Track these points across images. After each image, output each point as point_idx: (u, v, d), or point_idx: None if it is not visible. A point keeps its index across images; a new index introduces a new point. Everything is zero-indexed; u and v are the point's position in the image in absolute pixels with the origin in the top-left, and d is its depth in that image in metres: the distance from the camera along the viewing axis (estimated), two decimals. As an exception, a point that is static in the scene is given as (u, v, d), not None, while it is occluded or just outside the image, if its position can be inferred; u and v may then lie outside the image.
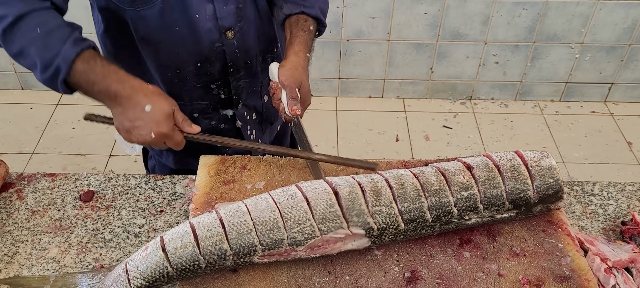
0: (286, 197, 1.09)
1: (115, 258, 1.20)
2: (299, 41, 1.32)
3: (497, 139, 3.16)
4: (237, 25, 1.34)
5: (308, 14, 1.35)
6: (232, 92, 1.46)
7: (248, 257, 1.05)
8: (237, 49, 1.37)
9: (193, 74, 1.39)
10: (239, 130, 1.54)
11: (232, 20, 1.33)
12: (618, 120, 3.30)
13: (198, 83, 1.41)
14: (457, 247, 1.14)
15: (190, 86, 1.41)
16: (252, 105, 1.53)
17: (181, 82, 1.40)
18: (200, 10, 1.28)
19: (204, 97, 1.45)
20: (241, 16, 1.34)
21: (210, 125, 1.51)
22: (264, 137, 1.65)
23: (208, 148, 1.56)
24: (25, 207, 1.31)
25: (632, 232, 1.25)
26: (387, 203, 1.09)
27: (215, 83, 1.43)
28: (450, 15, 3.01)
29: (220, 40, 1.34)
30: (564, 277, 1.08)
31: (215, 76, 1.41)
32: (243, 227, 1.05)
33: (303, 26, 1.34)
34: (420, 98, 3.42)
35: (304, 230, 1.05)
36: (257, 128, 1.59)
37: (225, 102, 1.48)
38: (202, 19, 1.29)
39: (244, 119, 1.53)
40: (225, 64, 1.39)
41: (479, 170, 1.14)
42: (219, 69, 1.40)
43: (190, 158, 1.59)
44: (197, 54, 1.35)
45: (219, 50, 1.36)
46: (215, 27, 1.32)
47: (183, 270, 1.03)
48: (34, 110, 3.22)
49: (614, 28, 3.06)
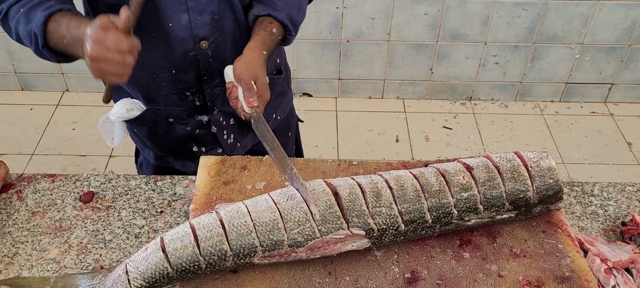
0: (286, 198, 1.09)
1: (116, 259, 1.20)
2: (256, 38, 1.31)
3: (497, 139, 3.16)
4: (211, 36, 1.33)
5: (274, 16, 1.35)
6: (207, 99, 1.45)
7: (248, 257, 1.05)
8: (211, 59, 1.37)
9: (168, 80, 1.38)
10: (214, 135, 1.54)
11: (207, 31, 1.32)
12: (618, 121, 3.30)
13: (173, 89, 1.41)
14: (457, 248, 1.14)
15: (166, 92, 1.41)
16: (229, 111, 1.52)
17: (157, 87, 1.40)
18: (174, 18, 1.28)
19: (179, 103, 1.45)
20: (217, 27, 1.33)
21: (186, 131, 1.51)
22: (245, 141, 1.63)
23: (182, 150, 1.57)
24: (25, 207, 1.31)
25: (632, 232, 1.25)
26: (387, 204, 1.09)
27: (190, 90, 1.42)
28: (450, 15, 3.01)
29: (194, 50, 1.34)
30: (564, 277, 1.08)
31: (189, 83, 1.41)
32: (243, 228, 1.05)
33: (265, 27, 1.33)
34: (420, 98, 3.42)
35: (304, 231, 1.05)
36: (237, 133, 1.58)
37: (200, 108, 1.47)
38: (176, 27, 1.29)
39: (220, 124, 1.52)
40: (199, 72, 1.39)
41: (478, 171, 1.14)
42: (193, 77, 1.39)
43: (170, 157, 1.61)
44: (171, 61, 1.35)
45: (193, 59, 1.35)
46: (190, 37, 1.31)
47: (183, 270, 1.03)
48: (34, 111, 3.22)
49: (614, 28, 3.06)
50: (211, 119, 1.50)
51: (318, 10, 2.97)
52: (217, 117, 1.51)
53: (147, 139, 1.57)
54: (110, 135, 1.54)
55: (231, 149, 1.60)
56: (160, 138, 1.54)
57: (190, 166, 1.62)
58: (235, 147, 1.61)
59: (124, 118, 1.47)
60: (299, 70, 3.28)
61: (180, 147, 1.57)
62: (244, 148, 1.65)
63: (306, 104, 3.36)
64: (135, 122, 1.49)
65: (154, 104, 1.45)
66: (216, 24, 1.33)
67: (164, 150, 1.60)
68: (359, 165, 1.31)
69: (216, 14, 1.32)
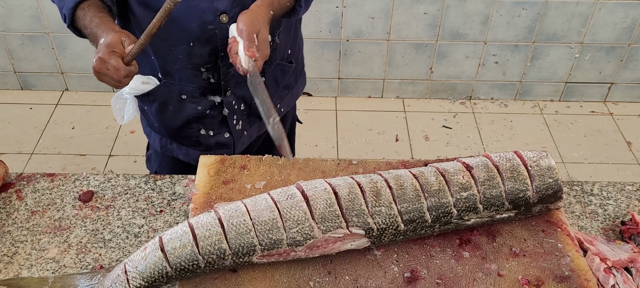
0: (286, 197, 1.09)
1: (115, 259, 1.20)
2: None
3: (496, 138, 3.16)
4: (232, 11, 1.34)
5: None
6: (221, 77, 1.45)
7: (247, 257, 1.05)
8: (229, 34, 1.37)
9: (185, 52, 1.39)
10: (224, 118, 1.54)
11: (227, 4, 1.33)
12: (617, 120, 3.30)
13: (188, 63, 1.42)
14: (456, 247, 1.14)
15: (181, 66, 1.42)
16: (241, 94, 1.53)
17: (174, 59, 1.41)
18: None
19: (193, 80, 1.45)
20: (238, 2, 1.34)
21: (196, 110, 1.51)
22: (251, 130, 1.64)
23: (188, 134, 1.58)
24: (25, 207, 1.31)
25: (631, 231, 1.25)
26: (387, 203, 1.09)
27: (205, 66, 1.43)
28: (450, 15, 3.01)
29: (213, 23, 1.34)
30: (563, 277, 1.08)
31: (205, 58, 1.41)
32: (242, 227, 1.05)
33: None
34: (420, 98, 3.42)
35: (303, 230, 1.05)
36: (245, 120, 1.59)
37: (214, 87, 1.48)
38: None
39: (232, 107, 1.53)
40: (216, 47, 1.39)
41: (478, 171, 1.14)
42: (209, 52, 1.40)
43: (174, 144, 1.62)
44: (189, 33, 1.36)
45: (211, 33, 1.36)
46: (210, 9, 1.32)
47: (182, 270, 1.03)
48: (34, 110, 3.22)
49: (614, 28, 3.06)
50: (224, 100, 1.50)
51: (318, 10, 2.97)
52: (230, 99, 1.51)
53: (155, 117, 1.57)
54: (121, 112, 1.55)
55: (238, 136, 1.60)
56: (170, 116, 1.54)
57: (193, 155, 1.61)
58: (242, 135, 1.61)
59: (138, 91, 1.48)
60: (298, 70, 3.27)
61: (186, 129, 1.56)
62: (250, 138, 1.65)
63: (306, 103, 3.36)
64: (147, 97, 1.50)
65: (169, 78, 1.46)
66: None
67: (170, 133, 1.60)
68: (358, 164, 1.31)
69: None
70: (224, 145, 1.61)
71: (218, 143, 1.61)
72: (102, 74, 1.21)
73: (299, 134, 3.13)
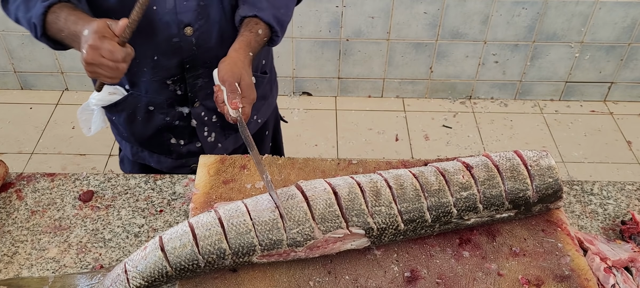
0: (286, 197, 1.09)
1: (115, 258, 1.20)
2: (240, 39, 1.29)
3: (496, 138, 3.16)
4: (196, 23, 1.33)
5: (260, 17, 1.32)
6: (188, 89, 1.44)
7: (247, 256, 1.05)
8: (195, 47, 1.36)
9: (150, 66, 1.38)
10: (194, 129, 1.52)
11: (192, 17, 1.32)
12: (617, 120, 3.30)
13: (154, 77, 1.41)
14: (456, 247, 1.14)
15: (148, 78, 1.41)
16: (212, 106, 1.50)
17: (140, 72, 1.40)
18: (159, 2, 1.28)
19: (160, 92, 1.44)
20: (202, 14, 1.33)
21: (165, 121, 1.50)
22: (226, 143, 1.62)
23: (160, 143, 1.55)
24: (25, 207, 1.31)
25: (631, 231, 1.25)
26: (387, 203, 1.09)
27: (171, 79, 1.42)
28: (450, 14, 3.01)
29: (178, 36, 1.33)
30: (563, 276, 1.08)
31: (172, 71, 1.40)
32: (242, 227, 1.05)
33: (251, 28, 1.31)
34: (420, 97, 3.42)
35: (303, 230, 1.05)
36: (218, 132, 1.57)
37: (181, 98, 1.47)
38: (161, 11, 1.29)
39: (201, 119, 1.51)
40: (182, 60, 1.38)
41: (478, 170, 1.14)
42: (176, 65, 1.39)
43: (145, 153, 1.60)
44: (154, 46, 1.35)
45: (176, 45, 1.35)
46: (174, 22, 1.31)
47: (182, 269, 1.03)
48: (34, 110, 3.22)
49: (614, 27, 3.06)
50: (192, 111, 1.48)
51: (318, 9, 2.97)
52: (199, 110, 1.49)
53: (124, 127, 1.55)
54: (88, 123, 1.52)
55: (211, 148, 1.58)
56: (139, 126, 1.52)
57: (166, 163, 1.60)
58: (216, 147, 1.59)
59: (105, 102, 1.46)
60: (298, 69, 3.27)
61: (157, 138, 1.55)
62: (225, 150, 1.63)
63: (306, 102, 3.36)
64: (114, 108, 1.48)
65: (136, 89, 1.45)
66: (202, 11, 1.32)
67: (140, 142, 1.59)
68: (358, 164, 1.31)
69: (202, 1, 1.31)
70: (195, 154, 1.58)
71: (190, 152, 1.59)
72: (95, 65, 1.14)
73: (298, 134, 3.14)
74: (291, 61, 3.23)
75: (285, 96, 3.39)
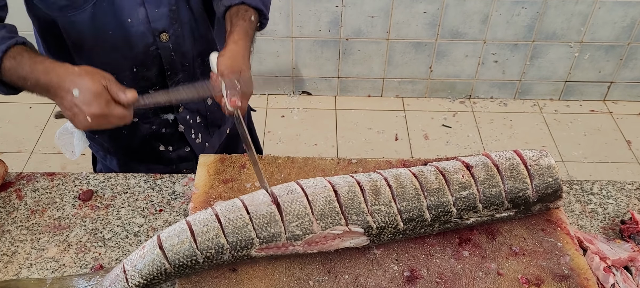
0: (286, 192, 1.09)
1: (115, 258, 1.20)
2: (238, 30, 1.25)
3: (496, 137, 3.16)
4: (171, 28, 1.31)
5: (248, 4, 1.29)
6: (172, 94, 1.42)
7: (246, 250, 1.05)
8: (172, 52, 1.35)
9: (130, 78, 1.36)
10: (182, 134, 1.51)
11: (166, 23, 1.30)
12: (617, 119, 3.30)
13: (136, 88, 1.37)
14: (456, 246, 1.14)
15: None
16: (195, 108, 1.50)
17: None
18: (132, 14, 1.26)
19: None
20: (175, 18, 1.31)
21: (151, 130, 1.48)
22: (213, 140, 1.60)
23: (148, 151, 1.53)
24: (25, 206, 1.31)
25: (631, 230, 1.25)
26: (386, 202, 1.09)
27: (153, 88, 1.39)
28: (450, 14, 3.01)
29: (154, 44, 1.32)
30: (563, 275, 1.08)
31: (152, 80, 1.38)
32: (239, 221, 1.05)
33: (243, 16, 1.28)
34: (420, 97, 3.42)
35: (302, 224, 1.05)
36: (204, 131, 1.56)
37: (165, 106, 1.45)
38: (135, 22, 1.27)
39: (187, 122, 1.50)
40: (161, 67, 1.36)
41: (478, 170, 1.14)
42: (156, 73, 1.37)
43: (134, 163, 1.57)
44: (133, 59, 1.32)
45: (154, 53, 1.33)
46: (149, 31, 1.29)
47: (181, 266, 1.03)
48: (33, 109, 3.22)
49: (613, 27, 3.06)
50: (177, 116, 1.47)
51: (317, 9, 2.97)
52: (184, 114, 1.48)
53: (109, 143, 1.53)
54: (70, 147, 1.48)
55: (200, 149, 1.57)
56: (125, 139, 1.50)
57: (156, 170, 1.57)
58: (204, 147, 1.58)
59: None
60: (298, 69, 3.27)
61: (145, 147, 1.53)
62: (213, 148, 1.62)
63: (305, 102, 3.36)
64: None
65: None
66: (174, 15, 1.31)
67: (128, 154, 1.56)
68: (358, 163, 1.31)
69: (173, 5, 1.30)
70: (186, 159, 1.58)
71: (180, 157, 1.57)
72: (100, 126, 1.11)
73: (298, 133, 3.14)
74: (291, 60, 3.23)
75: (285, 95, 3.39)
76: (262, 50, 3.17)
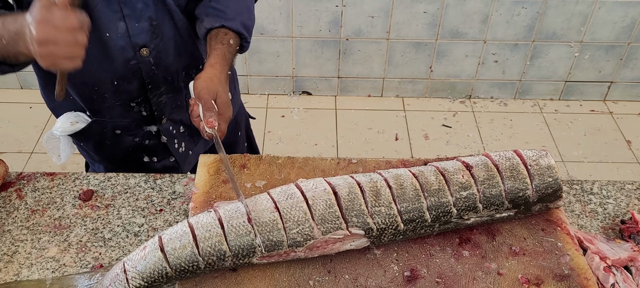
0: (285, 197, 1.09)
1: (115, 258, 1.20)
2: (215, 54, 1.26)
3: (496, 137, 3.16)
4: (152, 43, 1.30)
5: (228, 27, 1.29)
6: (154, 108, 1.42)
7: (247, 258, 1.05)
8: (154, 66, 1.34)
9: (111, 91, 1.35)
10: (165, 145, 1.51)
11: (147, 38, 1.29)
12: (617, 119, 3.30)
13: (117, 101, 1.38)
14: (456, 246, 1.14)
15: (110, 104, 1.38)
16: (178, 119, 1.49)
17: (100, 99, 1.37)
18: (111, 28, 1.25)
19: (125, 115, 1.42)
20: (157, 33, 1.30)
21: (134, 142, 1.48)
22: (197, 148, 1.60)
23: (133, 162, 1.52)
24: (25, 206, 1.31)
25: (631, 230, 1.25)
26: (387, 203, 1.09)
27: (134, 101, 1.39)
28: (450, 14, 3.01)
29: (135, 58, 1.31)
30: (563, 275, 1.08)
31: (133, 94, 1.37)
32: (242, 228, 1.05)
33: (222, 39, 1.28)
34: (420, 97, 3.42)
35: (303, 230, 1.05)
36: (188, 140, 1.55)
37: (148, 118, 1.44)
38: (114, 37, 1.26)
39: (170, 133, 1.49)
40: (142, 81, 1.36)
41: (478, 170, 1.14)
42: (137, 87, 1.36)
43: (121, 171, 1.54)
44: (113, 72, 1.31)
45: (134, 67, 1.32)
46: (129, 45, 1.28)
47: (182, 270, 1.03)
48: (33, 109, 3.22)
49: (613, 27, 3.06)
50: (160, 128, 1.47)
51: (317, 9, 2.97)
52: (167, 126, 1.48)
53: (94, 153, 1.53)
54: (56, 151, 1.48)
55: (184, 158, 1.56)
56: (109, 150, 1.50)
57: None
58: (188, 155, 1.57)
59: (69, 132, 1.42)
60: (298, 69, 3.28)
61: (129, 158, 1.53)
62: (197, 155, 1.59)
63: (305, 102, 3.36)
64: (81, 135, 1.45)
65: (99, 116, 1.41)
66: (155, 30, 1.29)
67: (113, 163, 1.56)
68: (358, 163, 1.31)
69: (154, 20, 1.28)
70: (171, 169, 1.57)
71: (165, 167, 1.57)
72: (50, 42, 1.00)
73: (298, 133, 3.14)
74: (291, 60, 3.23)
75: (285, 95, 3.39)
76: (262, 50, 3.17)
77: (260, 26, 3.04)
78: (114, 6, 1.23)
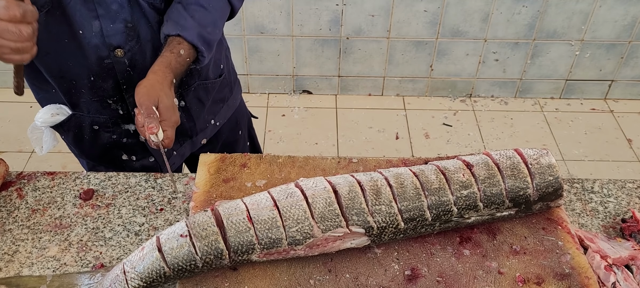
0: (285, 196, 1.09)
1: (116, 257, 1.20)
2: (160, 61, 1.24)
3: (497, 136, 3.16)
4: (127, 44, 1.28)
5: (183, 37, 1.26)
6: (130, 108, 1.41)
7: (246, 255, 1.05)
8: (129, 68, 1.32)
9: (88, 87, 1.34)
10: (143, 144, 1.49)
11: (121, 39, 1.27)
12: (618, 118, 3.30)
13: (94, 97, 1.36)
14: (457, 245, 1.14)
15: (87, 99, 1.37)
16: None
17: (78, 93, 1.36)
18: (85, 26, 1.23)
19: (102, 111, 1.41)
20: (132, 36, 1.28)
21: (112, 139, 1.46)
22: (183, 149, 1.58)
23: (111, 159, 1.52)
24: (26, 205, 1.31)
25: (632, 229, 1.25)
26: (387, 202, 1.09)
27: (111, 99, 1.38)
28: (450, 12, 3.01)
29: (109, 58, 1.29)
30: (564, 274, 1.08)
31: (109, 92, 1.36)
32: (241, 225, 1.05)
33: (173, 48, 1.25)
34: (420, 96, 3.42)
35: (302, 229, 1.05)
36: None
37: (125, 117, 1.43)
38: (88, 35, 1.24)
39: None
40: (117, 81, 1.34)
41: (478, 169, 1.14)
42: (112, 85, 1.35)
43: (102, 166, 1.57)
44: (88, 68, 1.30)
45: (109, 66, 1.30)
46: (103, 44, 1.26)
47: (180, 270, 1.03)
48: (34, 108, 3.21)
49: (614, 25, 3.06)
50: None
51: (318, 8, 2.97)
52: None
53: (74, 146, 1.53)
54: (39, 142, 1.47)
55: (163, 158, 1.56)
56: (87, 145, 1.49)
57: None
58: (171, 155, 1.55)
59: (50, 123, 1.42)
60: (298, 68, 3.27)
61: (108, 155, 1.52)
62: (182, 157, 1.59)
63: (306, 101, 3.36)
64: (61, 128, 1.45)
65: (78, 110, 1.41)
66: (130, 32, 1.27)
67: (92, 158, 1.56)
68: (358, 162, 1.31)
69: (130, 22, 1.26)
70: (151, 169, 1.56)
71: (144, 166, 1.56)
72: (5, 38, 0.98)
73: (298, 132, 3.14)
74: (291, 59, 3.23)
75: (285, 94, 3.39)
76: (262, 49, 3.17)
77: (261, 25, 3.04)
78: (89, 4, 1.21)
